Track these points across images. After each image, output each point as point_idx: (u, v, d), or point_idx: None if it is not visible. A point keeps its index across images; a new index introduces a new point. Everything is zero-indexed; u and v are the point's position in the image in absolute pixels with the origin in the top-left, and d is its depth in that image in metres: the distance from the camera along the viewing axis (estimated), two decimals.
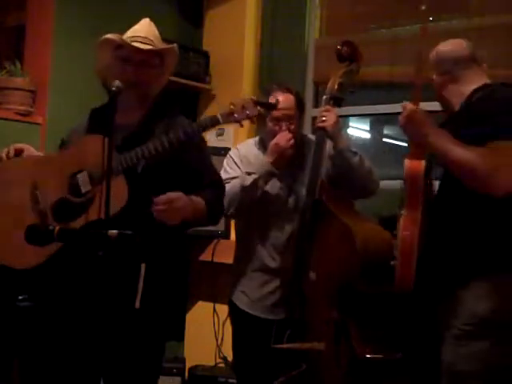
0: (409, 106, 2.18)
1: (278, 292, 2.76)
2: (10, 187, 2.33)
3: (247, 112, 2.26)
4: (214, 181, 2.46)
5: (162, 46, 2.39)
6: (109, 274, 1.92)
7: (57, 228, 1.63)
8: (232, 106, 2.27)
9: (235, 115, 2.26)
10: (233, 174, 2.80)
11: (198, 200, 2.31)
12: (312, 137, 2.86)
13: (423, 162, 2.15)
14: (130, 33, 2.37)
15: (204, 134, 2.42)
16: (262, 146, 2.89)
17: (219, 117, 2.26)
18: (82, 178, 2.22)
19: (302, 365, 2.51)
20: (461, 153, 2.01)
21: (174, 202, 2.19)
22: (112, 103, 2.06)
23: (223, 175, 2.73)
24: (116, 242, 1.59)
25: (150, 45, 2.33)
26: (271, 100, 2.63)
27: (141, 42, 2.32)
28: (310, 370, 2.52)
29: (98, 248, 1.65)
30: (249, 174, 2.72)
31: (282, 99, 2.66)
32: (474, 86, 2.21)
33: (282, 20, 4.20)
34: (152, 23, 2.42)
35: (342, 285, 2.48)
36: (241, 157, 2.88)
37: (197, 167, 2.37)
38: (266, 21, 4.24)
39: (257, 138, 2.99)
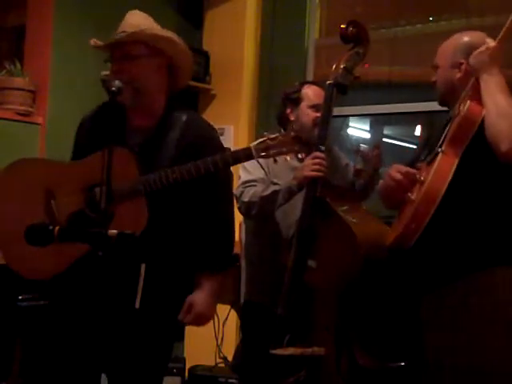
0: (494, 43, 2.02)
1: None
2: (22, 191, 2.20)
3: (284, 149, 2.09)
4: (220, 221, 2.26)
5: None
6: (109, 274, 1.92)
7: (56, 228, 1.62)
8: (269, 141, 2.10)
9: (271, 151, 2.10)
10: (253, 177, 2.70)
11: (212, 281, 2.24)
12: None
13: (483, 112, 1.94)
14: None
15: None
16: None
17: (253, 151, 2.09)
18: (101, 192, 2.02)
19: (301, 369, 2.43)
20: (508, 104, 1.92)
21: (194, 307, 2.20)
22: (113, 105, 2.04)
23: (244, 176, 2.69)
24: (116, 241, 1.58)
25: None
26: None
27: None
28: (309, 376, 2.45)
29: (98, 248, 1.64)
30: (274, 183, 2.63)
31: (315, 92, 2.75)
32: None
33: (282, 20, 4.22)
34: (135, 13, 2.24)
35: (343, 288, 2.40)
36: (268, 162, 2.71)
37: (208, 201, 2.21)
38: (266, 21, 4.26)
39: None
